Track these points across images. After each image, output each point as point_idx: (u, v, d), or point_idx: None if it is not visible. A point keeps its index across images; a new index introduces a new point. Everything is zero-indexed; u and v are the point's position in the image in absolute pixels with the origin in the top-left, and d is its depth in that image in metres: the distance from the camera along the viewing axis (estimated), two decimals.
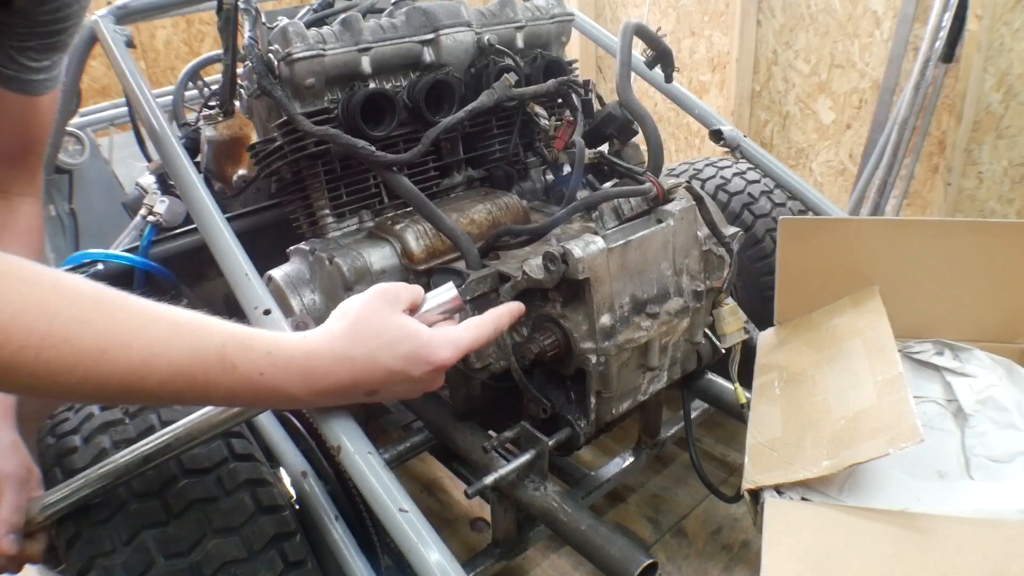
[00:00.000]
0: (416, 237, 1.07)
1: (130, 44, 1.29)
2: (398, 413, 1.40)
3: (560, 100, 1.25)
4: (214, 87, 1.66)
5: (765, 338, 1.14)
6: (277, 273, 1.09)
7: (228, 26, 1.10)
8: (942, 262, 1.04)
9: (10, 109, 0.88)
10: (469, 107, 1.10)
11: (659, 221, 0.99)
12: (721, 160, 1.63)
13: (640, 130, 1.14)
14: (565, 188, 1.12)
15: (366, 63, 1.11)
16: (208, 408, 0.81)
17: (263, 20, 1.09)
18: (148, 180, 1.54)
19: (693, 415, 1.31)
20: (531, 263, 0.95)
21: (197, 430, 0.80)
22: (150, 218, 1.39)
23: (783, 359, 1.05)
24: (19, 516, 0.75)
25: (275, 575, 0.80)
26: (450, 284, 0.82)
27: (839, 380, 0.93)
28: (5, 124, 0.89)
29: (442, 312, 0.80)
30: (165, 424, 0.85)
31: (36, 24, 0.81)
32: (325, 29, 1.09)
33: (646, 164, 1.10)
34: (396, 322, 0.73)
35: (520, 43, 1.27)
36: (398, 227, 1.08)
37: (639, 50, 1.27)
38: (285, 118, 1.06)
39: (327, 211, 1.14)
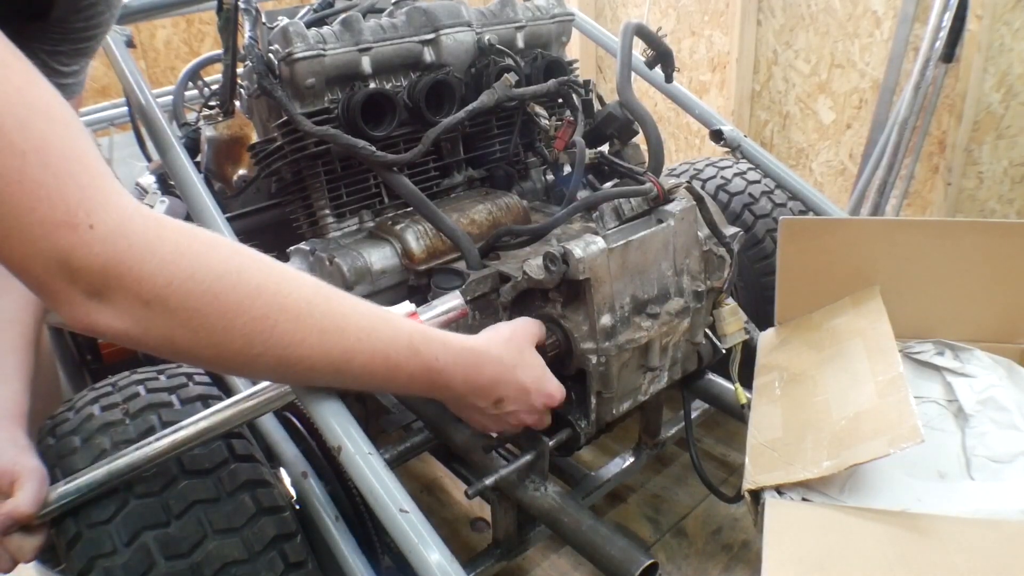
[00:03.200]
0: (416, 237, 1.07)
1: (130, 44, 1.29)
2: (398, 413, 1.39)
3: (560, 100, 1.25)
4: (214, 87, 1.66)
5: (765, 338, 1.14)
6: None
7: (228, 26, 1.10)
8: (942, 262, 1.04)
9: None
10: (469, 107, 1.10)
11: (660, 221, 0.99)
12: (722, 160, 1.63)
13: (640, 130, 1.14)
14: (565, 188, 1.12)
15: (366, 63, 1.11)
16: (213, 409, 0.83)
17: (263, 20, 1.09)
18: (148, 180, 1.53)
19: (693, 415, 1.31)
20: (531, 263, 0.95)
21: (204, 429, 0.81)
22: None
23: (783, 359, 1.05)
24: (38, 508, 0.75)
25: None
26: (456, 292, 0.84)
27: (840, 380, 0.93)
28: None
29: (447, 320, 0.82)
30: (166, 425, 0.85)
31: (69, 31, 0.82)
32: (325, 29, 1.09)
33: (646, 164, 1.10)
34: (533, 354, 0.87)
35: (520, 43, 1.27)
36: (398, 227, 1.08)
37: (639, 50, 1.27)
38: (285, 118, 1.06)
39: (327, 211, 1.14)
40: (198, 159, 1.54)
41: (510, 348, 0.84)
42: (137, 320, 0.60)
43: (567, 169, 1.17)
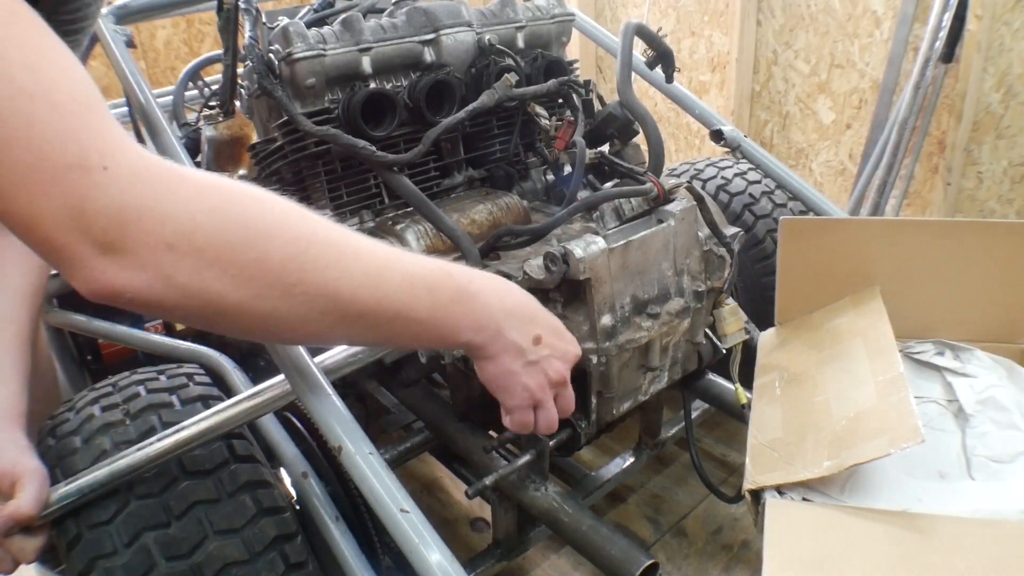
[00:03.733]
0: (417, 237, 1.07)
1: (130, 44, 1.29)
2: (399, 413, 1.40)
3: (561, 100, 1.25)
4: (214, 87, 1.66)
5: (766, 338, 1.14)
6: None
7: (228, 26, 1.10)
8: (942, 262, 1.04)
9: None
10: (470, 107, 1.10)
11: (660, 221, 0.99)
12: (722, 160, 1.63)
13: (641, 130, 1.14)
14: (566, 188, 1.12)
15: (367, 63, 1.11)
16: (214, 409, 0.83)
17: (263, 20, 1.09)
18: None
19: (694, 415, 1.31)
20: (532, 263, 0.95)
21: (205, 430, 0.81)
22: None
23: (784, 359, 1.05)
24: (39, 509, 0.75)
25: None
26: None
27: (840, 380, 0.93)
28: None
29: None
30: (166, 425, 0.85)
31: (55, 24, 0.81)
32: (326, 29, 1.09)
33: (647, 164, 1.10)
34: None
35: (520, 43, 1.27)
36: (399, 227, 1.08)
37: (639, 50, 1.27)
38: (286, 118, 1.06)
39: (328, 211, 1.14)
40: (198, 159, 1.54)
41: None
42: (160, 269, 0.55)
43: (567, 169, 1.17)
